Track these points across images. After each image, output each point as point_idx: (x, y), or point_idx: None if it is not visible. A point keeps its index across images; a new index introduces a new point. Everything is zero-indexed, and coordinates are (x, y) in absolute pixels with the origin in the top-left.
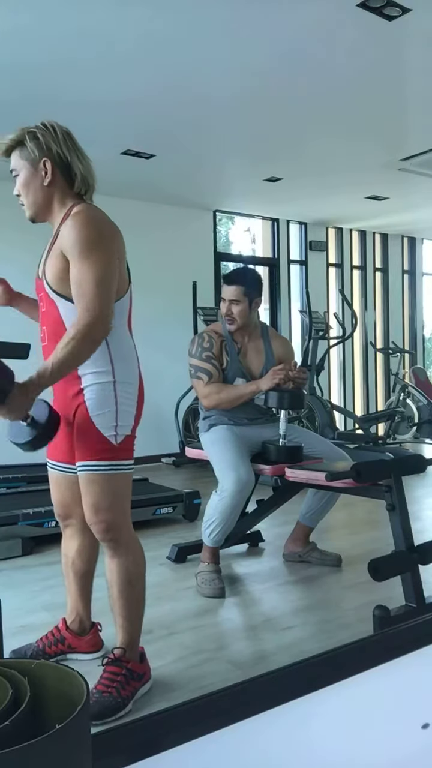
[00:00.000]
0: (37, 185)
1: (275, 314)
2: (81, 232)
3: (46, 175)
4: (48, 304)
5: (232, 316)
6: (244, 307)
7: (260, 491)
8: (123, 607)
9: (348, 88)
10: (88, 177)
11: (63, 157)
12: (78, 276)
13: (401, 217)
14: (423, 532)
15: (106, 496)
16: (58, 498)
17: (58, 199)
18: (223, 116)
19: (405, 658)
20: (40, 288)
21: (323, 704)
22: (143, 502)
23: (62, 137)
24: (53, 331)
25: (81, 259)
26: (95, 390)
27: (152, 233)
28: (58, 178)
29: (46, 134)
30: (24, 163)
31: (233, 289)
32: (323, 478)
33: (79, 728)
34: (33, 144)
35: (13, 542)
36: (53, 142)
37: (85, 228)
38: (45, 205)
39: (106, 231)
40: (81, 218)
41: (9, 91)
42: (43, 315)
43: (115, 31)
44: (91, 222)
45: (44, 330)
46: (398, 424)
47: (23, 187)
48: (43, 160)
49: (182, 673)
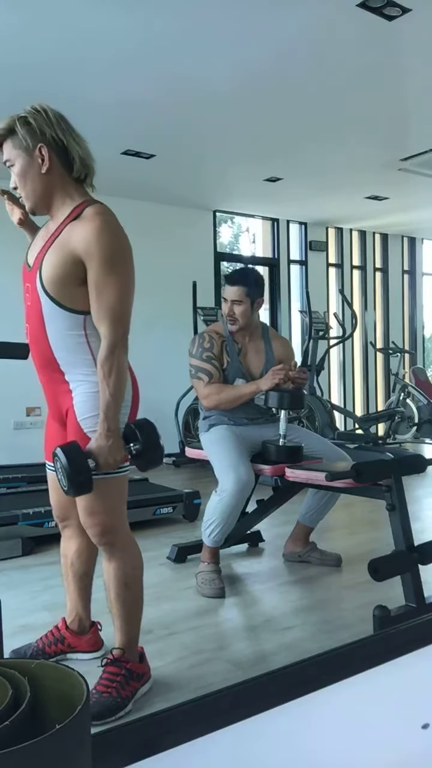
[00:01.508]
0: (34, 173)
1: (275, 314)
2: (107, 242)
3: (43, 162)
4: (34, 300)
5: (234, 316)
6: (246, 308)
7: (260, 491)
8: (120, 609)
9: (348, 88)
10: (86, 159)
11: (58, 141)
12: (103, 287)
13: (401, 217)
14: (423, 532)
15: (101, 499)
16: (56, 500)
17: (59, 186)
18: (224, 116)
19: (405, 658)
20: (28, 278)
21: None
22: (143, 502)
23: (55, 120)
24: (35, 333)
25: (109, 269)
26: (83, 392)
27: (152, 233)
28: (56, 164)
29: (38, 118)
30: (18, 152)
31: (235, 290)
32: (323, 478)
33: (79, 728)
34: (25, 130)
35: (13, 542)
36: (47, 126)
37: (111, 238)
38: (45, 193)
39: (127, 242)
40: (104, 226)
41: (9, 91)
42: (28, 310)
43: (115, 32)
44: (115, 232)
45: (27, 328)
46: (398, 424)
47: (20, 177)
48: (39, 146)
49: (182, 673)
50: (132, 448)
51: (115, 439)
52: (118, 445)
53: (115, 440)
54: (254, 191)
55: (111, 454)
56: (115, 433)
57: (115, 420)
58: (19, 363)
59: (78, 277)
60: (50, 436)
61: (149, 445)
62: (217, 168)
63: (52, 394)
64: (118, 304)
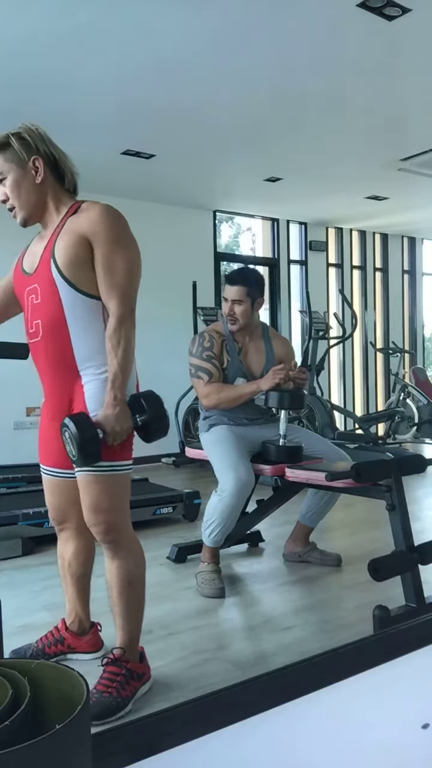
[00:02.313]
0: (29, 184)
1: (275, 314)
2: (114, 223)
3: (37, 173)
4: (47, 295)
5: (234, 316)
6: (247, 308)
7: (260, 491)
8: (123, 608)
9: (348, 88)
10: (74, 171)
11: (50, 155)
12: (111, 264)
13: (401, 217)
14: (423, 532)
15: (106, 497)
16: (53, 502)
17: (51, 195)
18: (224, 116)
19: (405, 658)
20: (32, 280)
21: (323, 704)
22: (143, 502)
23: (45, 137)
24: (51, 325)
25: (116, 247)
26: (95, 387)
27: (152, 233)
28: (49, 176)
29: (32, 134)
30: (11, 165)
31: (236, 290)
32: (323, 478)
33: (79, 728)
34: (20, 144)
35: (13, 542)
36: (40, 141)
37: (117, 220)
38: (39, 203)
39: (128, 225)
40: (107, 209)
41: (10, 93)
42: (36, 307)
43: (115, 33)
44: (118, 215)
45: (37, 324)
46: (398, 424)
47: (14, 188)
48: (33, 159)
49: (182, 673)
50: (138, 419)
51: (122, 408)
52: (125, 414)
53: (122, 409)
54: (254, 191)
55: (118, 422)
56: (122, 403)
57: (121, 389)
58: (18, 363)
59: (89, 260)
60: (49, 437)
61: (155, 416)
62: (217, 168)
63: (58, 391)
64: (126, 280)
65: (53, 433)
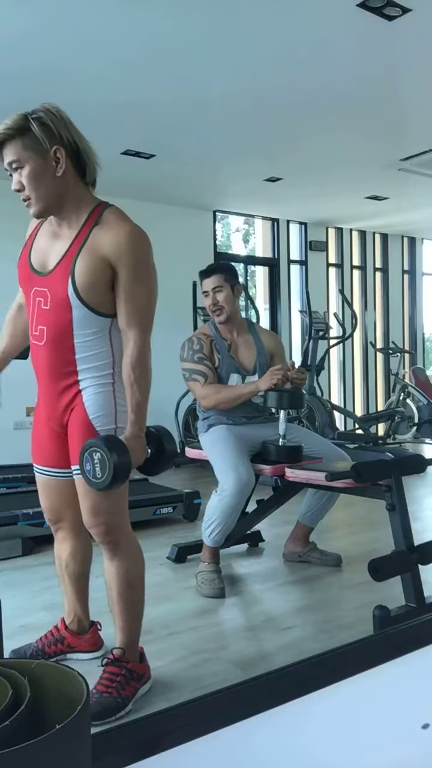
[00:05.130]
0: (49, 177)
1: (275, 314)
2: (140, 252)
3: (59, 164)
4: (59, 308)
5: (218, 304)
6: (228, 293)
7: (260, 491)
8: (122, 608)
9: (348, 88)
10: (97, 162)
11: (73, 144)
12: (133, 293)
13: (401, 217)
14: (423, 532)
15: (104, 499)
16: (48, 503)
17: (71, 190)
18: (224, 116)
19: (405, 658)
20: (42, 283)
21: (323, 704)
22: (143, 502)
23: (69, 122)
24: (57, 335)
25: (140, 275)
26: (94, 391)
27: (152, 233)
28: (70, 168)
29: (54, 119)
30: (29, 154)
31: (213, 279)
32: (323, 478)
33: (79, 728)
34: (42, 131)
35: (13, 542)
36: (62, 127)
37: (143, 248)
38: (58, 197)
39: (151, 247)
40: (134, 235)
41: (9, 94)
42: (43, 313)
43: (116, 34)
44: (143, 238)
45: (42, 330)
46: (398, 424)
47: (31, 180)
48: (55, 149)
49: (182, 673)
50: (148, 451)
51: (143, 440)
52: (144, 446)
53: (143, 441)
54: (254, 191)
55: (141, 454)
56: (141, 439)
57: (144, 421)
58: (19, 363)
59: (109, 282)
60: (43, 437)
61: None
62: (216, 168)
63: (55, 394)
64: (147, 310)
65: (47, 433)
